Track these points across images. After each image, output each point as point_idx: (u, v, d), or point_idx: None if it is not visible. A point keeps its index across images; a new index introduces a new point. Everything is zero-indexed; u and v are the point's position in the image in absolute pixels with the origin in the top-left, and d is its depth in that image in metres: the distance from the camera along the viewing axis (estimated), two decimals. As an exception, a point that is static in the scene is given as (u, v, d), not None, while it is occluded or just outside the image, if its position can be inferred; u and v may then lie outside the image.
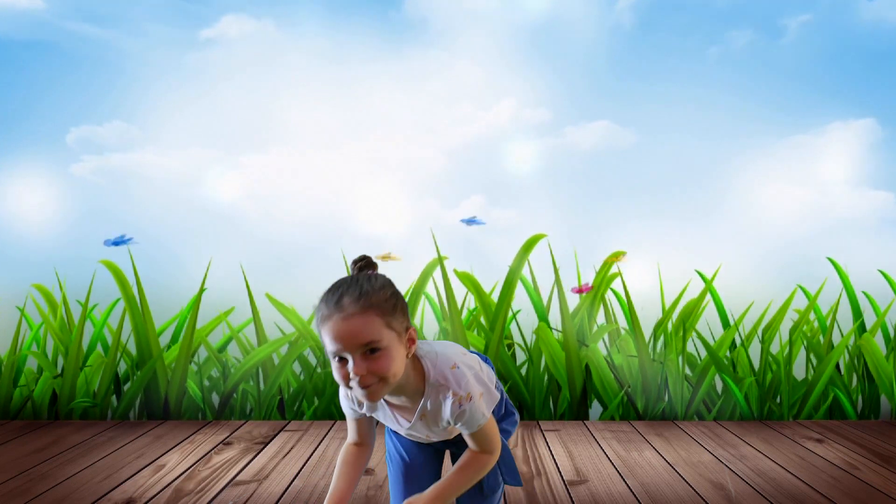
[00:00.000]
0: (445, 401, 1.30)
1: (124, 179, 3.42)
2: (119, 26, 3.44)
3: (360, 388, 1.20)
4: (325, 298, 1.24)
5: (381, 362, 1.20)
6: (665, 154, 3.40)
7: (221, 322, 3.31)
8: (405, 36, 3.45)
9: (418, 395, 1.32)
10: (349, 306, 1.19)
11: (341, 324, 1.18)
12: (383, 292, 1.24)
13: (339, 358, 1.21)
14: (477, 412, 1.32)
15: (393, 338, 1.22)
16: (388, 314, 1.22)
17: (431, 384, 1.31)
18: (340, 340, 1.18)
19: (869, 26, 3.40)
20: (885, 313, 3.32)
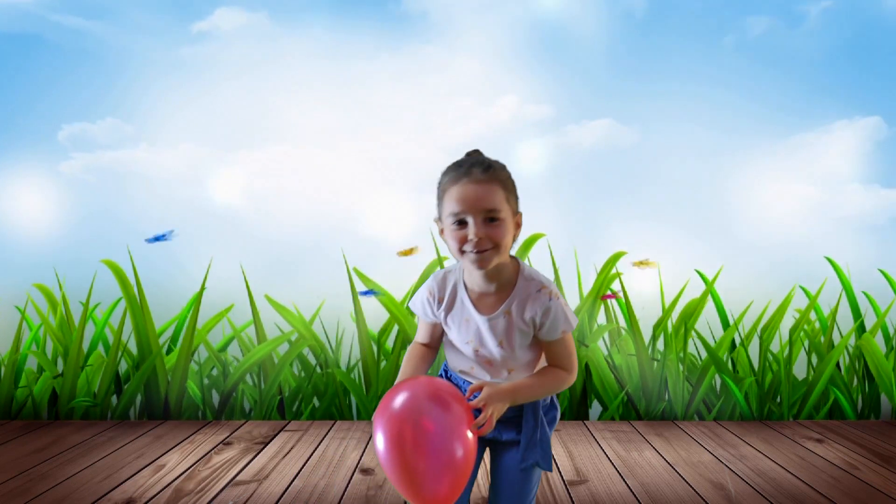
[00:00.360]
0: (536, 293, 1.37)
1: (120, 178, 3.38)
2: (108, 18, 3.38)
3: (475, 251, 1.29)
4: (451, 169, 1.36)
5: (497, 230, 1.30)
6: (667, 153, 3.38)
7: (221, 320, 3.31)
8: (404, 30, 3.41)
9: (509, 287, 1.38)
10: (478, 174, 1.31)
11: (470, 187, 1.29)
12: (506, 172, 1.36)
13: (458, 222, 1.31)
14: (561, 314, 1.38)
15: (509, 213, 1.32)
16: (508, 191, 1.34)
17: (525, 276, 1.39)
18: (466, 202, 1.29)
19: (891, 17, 3.33)
20: (886, 314, 3.32)
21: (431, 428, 1.18)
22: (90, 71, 3.41)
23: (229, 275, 3.32)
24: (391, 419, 1.19)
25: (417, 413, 1.19)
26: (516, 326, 1.38)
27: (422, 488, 1.16)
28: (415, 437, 1.17)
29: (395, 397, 1.23)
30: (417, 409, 1.20)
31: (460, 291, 1.42)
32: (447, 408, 1.21)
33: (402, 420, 1.19)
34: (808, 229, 3.36)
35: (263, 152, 3.43)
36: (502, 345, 1.39)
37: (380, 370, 3.30)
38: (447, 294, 1.43)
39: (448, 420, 1.19)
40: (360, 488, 2.34)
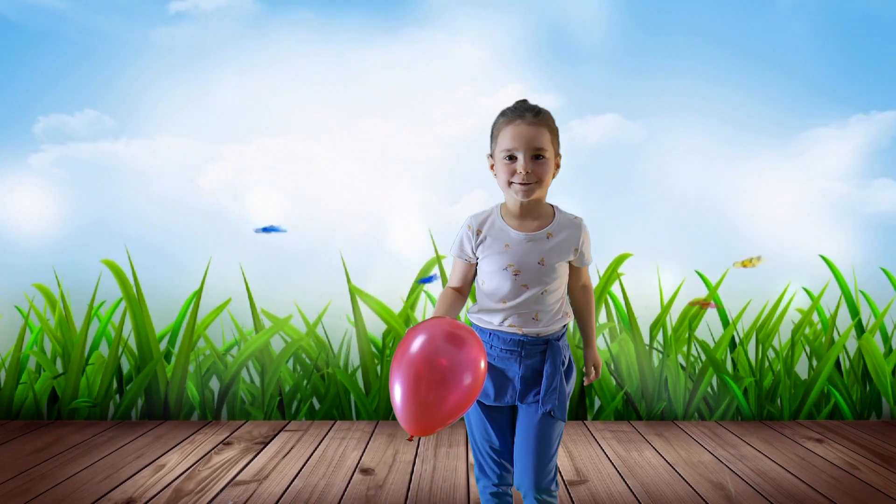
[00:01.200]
0: (574, 221, 1.60)
1: (101, 172, 3.28)
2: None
3: (521, 184, 1.51)
4: (506, 112, 1.56)
5: (542, 167, 1.51)
6: (674, 150, 3.31)
7: (220, 314, 3.30)
8: (400, 13, 3.27)
9: (549, 218, 1.60)
10: (530, 117, 1.52)
11: (522, 128, 1.51)
12: (552, 118, 1.57)
13: (509, 157, 1.52)
14: (589, 248, 1.63)
15: (552, 154, 1.54)
16: (554, 134, 1.55)
17: (562, 211, 1.62)
18: (518, 140, 1.50)
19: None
20: (885, 313, 3.32)
21: (445, 364, 1.26)
22: (64, 57, 3.26)
23: (227, 274, 3.32)
24: (409, 360, 1.26)
25: (433, 353, 1.27)
26: (557, 247, 1.56)
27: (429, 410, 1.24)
28: (430, 374, 1.25)
29: (412, 339, 1.30)
30: (434, 350, 1.27)
31: (499, 222, 1.59)
32: (462, 344, 1.29)
33: (417, 360, 1.26)
34: (812, 228, 3.36)
35: (248, 144, 3.31)
36: (542, 263, 1.55)
37: (381, 371, 3.30)
38: (486, 227, 1.59)
39: (462, 356, 1.27)
40: (360, 488, 2.34)
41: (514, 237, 1.56)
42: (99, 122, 3.35)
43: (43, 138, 3.34)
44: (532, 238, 1.55)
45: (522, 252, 1.55)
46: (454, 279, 1.64)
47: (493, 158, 1.58)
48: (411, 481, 2.41)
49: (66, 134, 3.35)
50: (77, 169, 3.35)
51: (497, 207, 1.62)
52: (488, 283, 1.58)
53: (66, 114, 3.34)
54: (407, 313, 3.30)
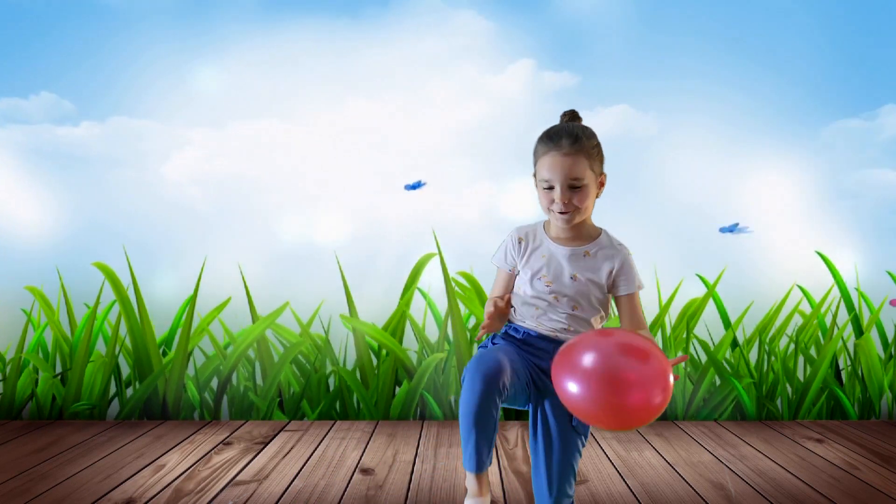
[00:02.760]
0: (617, 246, 1.61)
1: (66, 159, 3.13)
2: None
3: (559, 213, 1.54)
4: (545, 137, 1.56)
5: (580, 195, 1.53)
6: (683, 146, 3.24)
7: (220, 313, 3.30)
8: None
9: (592, 238, 1.62)
10: (565, 147, 1.51)
11: (558, 159, 1.51)
12: (592, 141, 1.55)
13: (547, 187, 1.54)
14: (635, 270, 1.61)
15: (592, 178, 1.54)
16: (592, 159, 1.54)
17: (608, 234, 1.64)
18: (553, 172, 1.51)
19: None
20: (878, 312, 3.32)
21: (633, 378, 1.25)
22: (16, 34, 3.03)
23: (226, 272, 3.31)
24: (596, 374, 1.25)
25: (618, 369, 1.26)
26: (591, 265, 1.59)
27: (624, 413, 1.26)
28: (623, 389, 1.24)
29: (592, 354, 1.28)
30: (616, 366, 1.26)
31: (541, 234, 1.64)
32: (646, 358, 1.28)
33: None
34: (813, 227, 3.35)
35: (220, 130, 3.17)
36: (575, 278, 1.58)
37: (379, 371, 3.30)
38: (529, 237, 1.64)
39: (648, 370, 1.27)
40: (360, 488, 2.34)
41: (552, 249, 1.61)
42: (58, 105, 3.17)
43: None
44: (569, 254, 1.59)
45: (557, 264, 1.59)
46: (497, 289, 1.70)
47: (535, 178, 1.62)
48: (411, 481, 2.41)
49: (20, 119, 3.18)
50: (32, 155, 3.15)
51: (542, 222, 1.67)
52: (523, 290, 1.63)
53: (21, 97, 3.17)
54: (403, 310, 3.30)
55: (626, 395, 1.24)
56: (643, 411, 1.24)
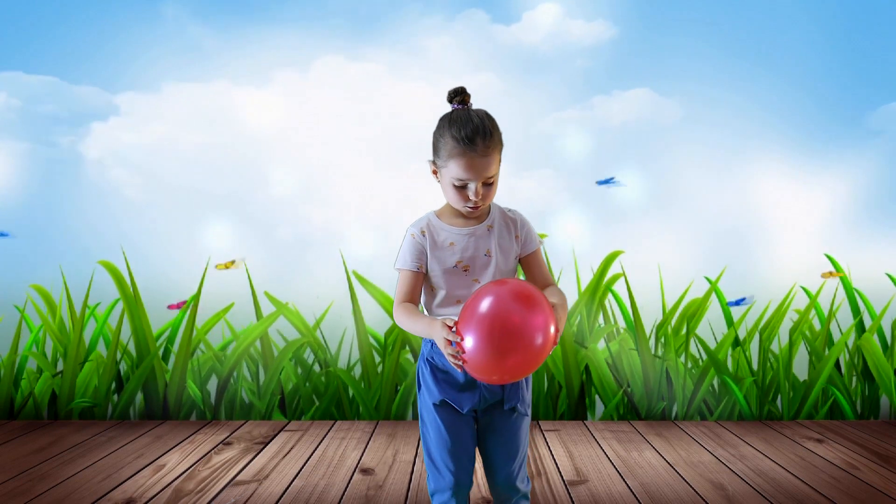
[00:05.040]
0: (510, 212, 1.63)
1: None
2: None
3: (472, 207, 1.52)
4: (456, 135, 1.49)
5: (492, 190, 1.53)
6: (703, 136, 3.19)
7: (220, 319, 3.30)
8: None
9: (486, 215, 1.61)
10: (482, 147, 1.47)
11: (476, 160, 1.47)
12: (498, 131, 1.53)
13: (461, 185, 1.50)
14: (531, 225, 1.64)
15: (499, 169, 1.54)
16: (500, 152, 1.53)
17: (497, 206, 1.64)
18: (470, 172, 1.48)
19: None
20: (882, 315, 3.32)
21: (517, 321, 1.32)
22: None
23: (227, 274, 3.31)
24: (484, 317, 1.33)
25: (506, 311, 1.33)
26: (499, 237, 1.59)
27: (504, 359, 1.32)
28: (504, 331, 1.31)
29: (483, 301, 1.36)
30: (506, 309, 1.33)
31: (438, 223, 1.60)
32: (534, 306, 1.34)
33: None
34: (815, 227, 3.35)
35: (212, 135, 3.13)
36: (489, 254, 1.57)
37: (383, 370, 3.30)
38: (430, 231, 1.59)
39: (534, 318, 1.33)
40: (360, 488, 2.34)
41: (456, 233, 1.58)
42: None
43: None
44: (474, 233, 1.58)
45: (467, 247, 1.57)
46: (404, 293, 1.59)
47: (435, 165, 1.56)
48: (411, 481, 2.41)
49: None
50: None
51: (431, 213, 1.63)
52: (439, 285, 1.59)
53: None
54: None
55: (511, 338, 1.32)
56: (525, 351, 1.32)
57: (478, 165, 1.47)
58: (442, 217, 1.61)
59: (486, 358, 1.32)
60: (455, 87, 1.57)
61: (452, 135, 1.50)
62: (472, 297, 1.40)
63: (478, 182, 1.49)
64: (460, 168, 1.48)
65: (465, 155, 1.48)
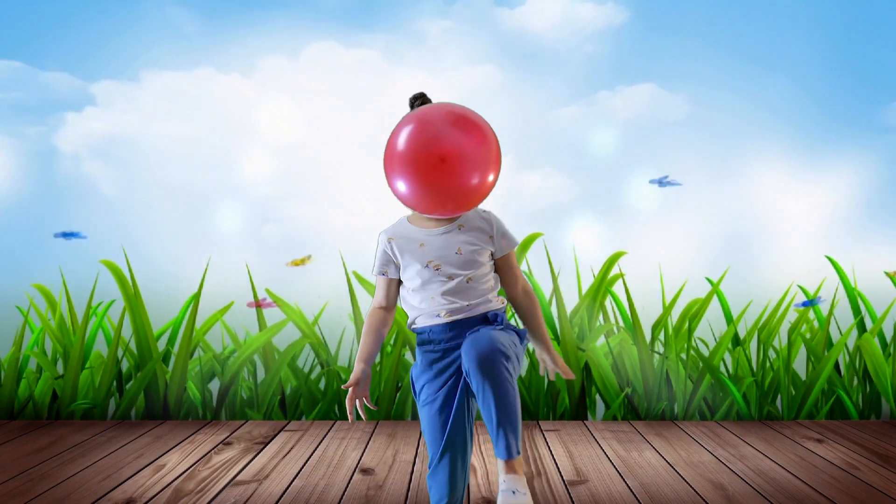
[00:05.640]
0: (484, 213, 1.64)
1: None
2: None
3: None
4: None
5: None
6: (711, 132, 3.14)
7: (220, 318, 3.30)
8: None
9: (457, 216, 1.62)
10: None
11: None
12: None
13: None
14: (505, 225, 1.64)
15: None
16: None
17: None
18: None
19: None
20: (884, 318, 3.32)
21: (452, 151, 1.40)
22: None
23: (228, 274, 3.31)
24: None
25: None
26: (470, 235, 1.60)
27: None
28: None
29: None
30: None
31: (408, 226, 1.64)
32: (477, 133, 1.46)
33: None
34: (815, 227, 3.35)
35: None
36: (460, 252, 1.58)
37: (383, 370, 3.30)
38: (398, 234, 1.63)
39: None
40: (360, 488, 2.34)
41: (426, 234, 1.61)
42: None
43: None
44: (445, 231, 1.60)
45: (438, 246, 1.59)
46: (379, 297, 1.68)
47: None
48: (411, 481, 2.41)
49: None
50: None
51: (403, 217, 1.67)
52: (414, 285, 1.61)
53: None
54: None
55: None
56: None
57: None
58: (413, 220, 1.64)
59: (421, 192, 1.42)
60: (415, 92, 1.65)
61: None
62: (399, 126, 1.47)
63: None
64: None
65: None
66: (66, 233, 3.03)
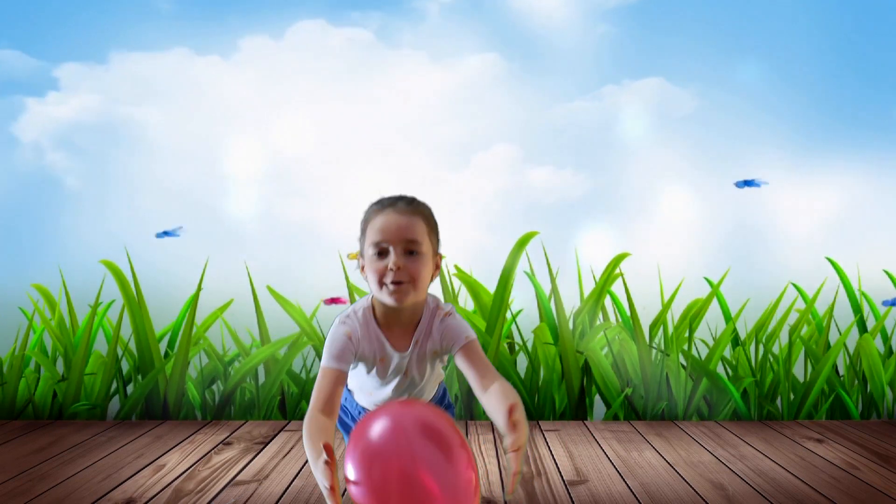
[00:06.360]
0: (435, 317, 1.43)
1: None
2: None
3: (393, 283, 1.31)
4: (377, 202, 1.39)
5: (417, 265, 1.32)
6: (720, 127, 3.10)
7: (220, 316, 3.29)
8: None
9: (417, 319, 1.43)
10: (403, 207, 1.35)
11: (394, 217, 1.32)
12: (430, 210, 1.41)
13: (379, 252, 1.33)
14: (462, 321, 1.44)
15: (430, 249, 1.36)
16: (431, 227, 1.39)
17: (428, 308, 1.44)
18: (389, 232, 1.32)
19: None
20: (885, 317, 3.32)
21: (431, 485, 1.02)
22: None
23: (228, 273, 3.31)
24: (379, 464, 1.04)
25: (413, 463, 1.04)
26: (428, 352, 1.44)
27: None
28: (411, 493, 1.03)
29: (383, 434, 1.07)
30: (413, 457, 1.04)
31: (373, 328, 1.42)
32: (450, 455, 1.06)
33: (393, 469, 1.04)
34: (816, 227, 3.35)
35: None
36: (417, 370, 1.45)
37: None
38: (362, 333, 1.40)
39: (451, 473, 1.05)
40: (361, 488, 2.33)
41: (389, 352, 1.42)
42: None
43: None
44: (405, 355, 1.43)
45: (396, 366, 1.44)
46: (326, 399, 1.34)
47: (362, 258, 1.40)
48: (411, 481, 2.41)
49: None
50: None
51: (367, 307, 1.43)
52: (360, 385, 1.49)
53: None
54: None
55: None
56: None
57: (397, 223, 1.31)
58: (379, 318, 1.42)
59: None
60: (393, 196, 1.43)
61: (372, 204, 1.40)
62: (365, 428, 1.12)
63: (397, 246, 1.31)
64: (377, 229, 1.33)
65: (382, 213, 1.34)
66: (165, 231, 2.93)
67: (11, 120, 2.76)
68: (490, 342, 3.26)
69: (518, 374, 3.29)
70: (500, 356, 3.27)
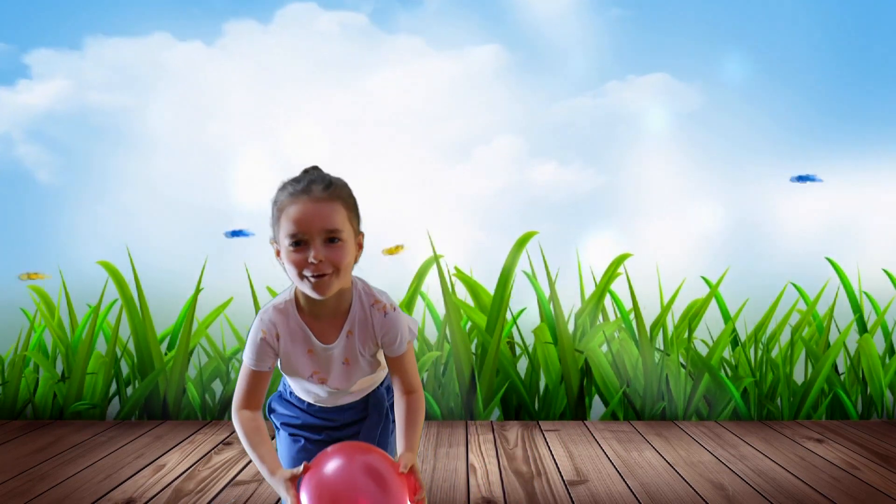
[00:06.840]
0: (372, 310, 1.34)
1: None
2: None
3: (314, 276, 1.22)
4: (287, 186, 1.26)
5: (339, 253, 1.23)
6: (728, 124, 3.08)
7: (220, 315, 3.29)
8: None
9: (347, 307, 1.34)
10: (318, 192, 1.22)
11: (309, 205, 1.21)
12: (348, 189, 1.28)
13: (296, 243, 1.22)
14: (402, 323, 1.35)
15: (351, 234, 1.26)
16: (351, 209, 1.27)
17: (359, 291, 1.35)
18: (305, 223, 1.20)
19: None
20: (884, 312, 3.32)
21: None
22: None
23: (228, 273, 3.30)
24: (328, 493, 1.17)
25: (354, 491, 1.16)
26: (358, 345, 1.35)
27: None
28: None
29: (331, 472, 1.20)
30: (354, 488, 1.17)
31: (296, 320, 1.33)
32: (386, 488, 1.18)
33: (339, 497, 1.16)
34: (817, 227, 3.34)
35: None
36: (347, 362, 1.36)
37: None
38: (286, 326, 1.33)
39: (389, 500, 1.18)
40: (360, 488, 2.33)
41: (316, 344, 1.34)
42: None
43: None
44: (333, 347, 1.34)
45: (325, 360, 1.35)
46: (250, 397, 1.33)
47: (277, 244, 1.28)
48: (411, 481, 2.41)
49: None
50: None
51: (290, 299, 1.35)
52: (293, 384, 1.45)
53: None
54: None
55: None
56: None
57: (313, 213, 1.20)
58: (302, 310, 1.34)
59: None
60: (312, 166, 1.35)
61: (281, 189, 1.28)
62: (320, 472, 1.18)
63: (316, 237, 1.21)
64: (291, 220, 1.21)
65: (296, 202, 1.22)
66: (235, 231, 2.85)
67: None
68: (490, 342, 3.26)
69: (518, 374, 3.29)
70: (500, 356, 3.26)
